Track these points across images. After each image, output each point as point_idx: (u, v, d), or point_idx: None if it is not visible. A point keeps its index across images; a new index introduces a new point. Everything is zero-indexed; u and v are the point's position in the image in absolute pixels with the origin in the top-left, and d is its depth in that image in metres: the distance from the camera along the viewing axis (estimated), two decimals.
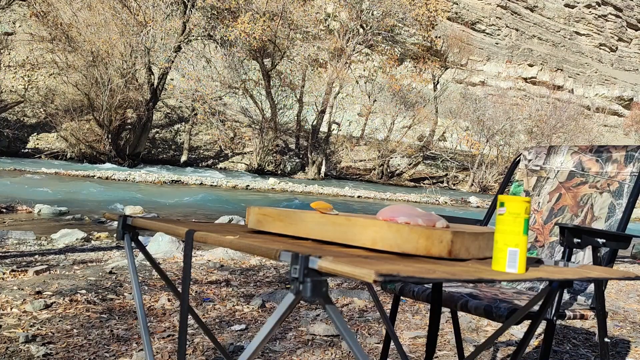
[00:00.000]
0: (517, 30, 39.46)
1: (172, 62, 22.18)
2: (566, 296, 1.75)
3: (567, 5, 41.86)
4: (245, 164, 25.36)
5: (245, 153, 26.12)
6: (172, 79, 24.32)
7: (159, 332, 2.58)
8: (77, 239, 5.39)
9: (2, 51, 22.26)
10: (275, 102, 25.33)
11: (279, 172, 24.94)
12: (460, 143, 29.69)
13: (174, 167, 22.32)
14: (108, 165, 19.70)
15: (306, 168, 25.70)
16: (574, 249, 1.57)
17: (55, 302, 2.89)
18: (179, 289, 2.88)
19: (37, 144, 21.93)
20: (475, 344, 2.71)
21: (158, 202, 10.66)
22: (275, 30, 23.24)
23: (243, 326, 2.76)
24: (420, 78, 30.09)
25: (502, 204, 0.95)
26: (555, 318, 1.43)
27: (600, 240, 1.46)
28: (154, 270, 3.84)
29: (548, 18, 41.17)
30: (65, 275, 3.54)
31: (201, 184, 16.10)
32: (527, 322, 2.03)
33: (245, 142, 26.55)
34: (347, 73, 26.44)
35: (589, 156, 1.89)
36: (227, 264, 4.38)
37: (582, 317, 1.57)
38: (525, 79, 38.21)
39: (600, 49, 44.21)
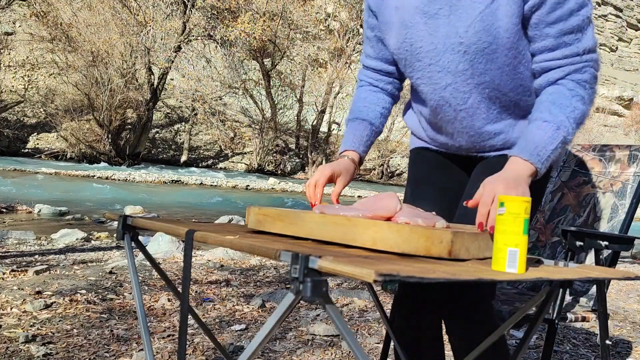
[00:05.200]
0: None
1: (172, 62, 22.18)
2: (568, 298, 1.74)
3: None
4: (245, 164, 25.36)
5: (245, 153, 26.13)
6: (172, 79, 24.33)
7: (159, 332, 2.57)
8: (77, 239, 5.38)
9: (2, 51, 22.27)
10: (275, 102, 25.34)
11: (279, 172, 24.94)
12: None
13: (174, 167, 22.31)
14: (108, 165, 19.69)
15: (306, 168, 25.70)
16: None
17: (55, 302, 2.89)
18: (179, 289, 2.88)
19: (37, 144, 21.95)
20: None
21: (158, 202, 10.65)
22: (275, 30, 23.24)
23: (243, 326, 2.76)
24: None
25: (502, 204, 0.95)
26: (557, 321, 1.43)
27: (603, 243, 1.45)
28: (154, 270, 3.84)
29: None
30: (65, 275, 3.54)
31: (201, 184, 16.10)
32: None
33: (245, 142, 26.55)
34: (347, 73, 26.44)
35: (591, 155, 1.89)
36: (227, 264, 4.37)
37: (584, 319, 1.56)
38: None
39: (600, 48, 44.21)
